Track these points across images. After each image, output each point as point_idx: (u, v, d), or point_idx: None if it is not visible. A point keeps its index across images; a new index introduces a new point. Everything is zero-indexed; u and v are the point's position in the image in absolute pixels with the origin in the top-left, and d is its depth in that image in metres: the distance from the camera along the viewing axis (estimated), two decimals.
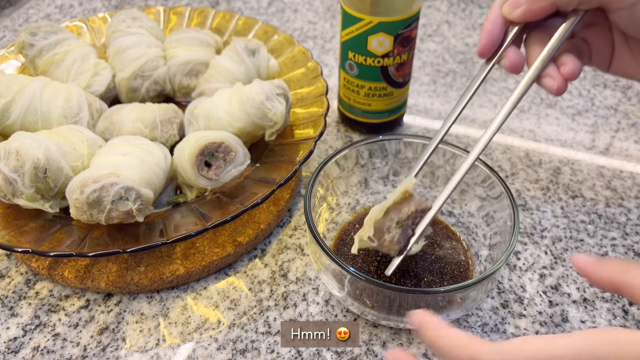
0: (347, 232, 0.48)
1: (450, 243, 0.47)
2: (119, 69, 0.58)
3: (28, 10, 0.87)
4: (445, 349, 0.29)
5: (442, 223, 0.49)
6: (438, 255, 0.45)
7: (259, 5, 0.88)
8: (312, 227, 0.40)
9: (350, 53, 0.54)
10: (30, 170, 0.41)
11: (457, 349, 0.28)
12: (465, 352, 0.28)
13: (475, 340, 0.28)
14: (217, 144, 0.47)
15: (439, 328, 0.30)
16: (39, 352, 0.41)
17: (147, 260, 0.45)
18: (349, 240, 0.47)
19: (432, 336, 0.30)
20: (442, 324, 0.30)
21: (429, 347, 0.31)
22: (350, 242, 0.46)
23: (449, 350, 0.29)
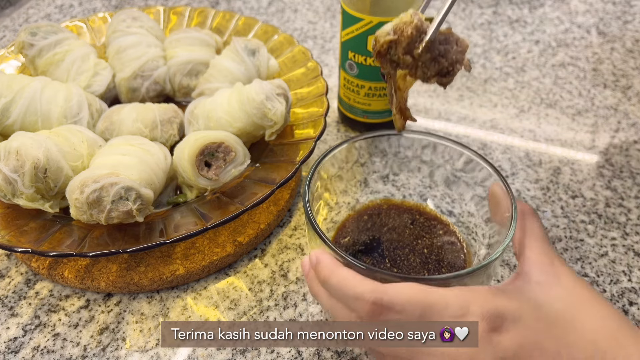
0: (346, 226, 0.48)
1: (449, 239, 0.47)
2: (119, 69, 0.58)
3: (28, 10, 0.87)
4: (336, 286, 0.31)
5: (443, 221, 0.49)
6: (436, 250, 0.45)
7: (259, 5, 0.88)
8: (311, 216, 0.39)
9: (350, 53, 0.54)
10: (30, 170, 0.41)
11: (347, 287, 0.30)
12: (354, 290, 0.30)
13: (365, 281, 0.30)
14: (217, 144, 0.47)
15: (333, 266, 0.31)
16: (39, 352, 0.41)
17: (147, 260, 0.45)
18: (349, 231, 0.47)
19: (325, 274, 0.31)
20: (336, 263, 0.32)
21: (322, 283, 0.32)
22: (349, 234, 0.46)
23: (340, 288, 0.30)
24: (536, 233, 0.34)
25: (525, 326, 0.28)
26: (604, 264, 0.47)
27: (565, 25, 0.83)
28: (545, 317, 0.29)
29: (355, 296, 0.29)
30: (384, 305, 0.29)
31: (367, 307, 0.29)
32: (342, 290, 0.30)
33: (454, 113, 0.65)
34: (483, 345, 0.28)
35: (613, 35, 0.81)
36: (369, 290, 0.29)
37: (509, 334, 0.28)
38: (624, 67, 0.74)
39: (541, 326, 0.28)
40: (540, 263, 0.32)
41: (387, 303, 0.29)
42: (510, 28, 0.83)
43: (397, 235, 0.45)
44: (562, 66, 0.74)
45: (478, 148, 0.60)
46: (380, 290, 0.29)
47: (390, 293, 0.29)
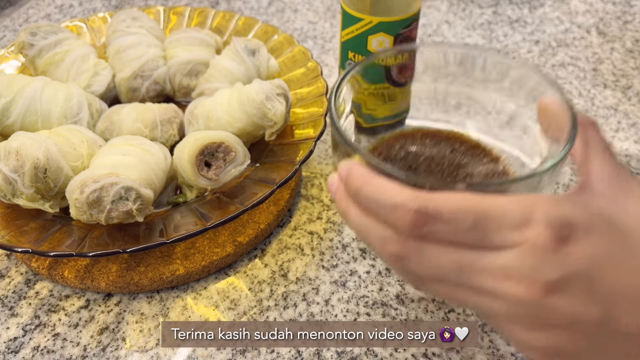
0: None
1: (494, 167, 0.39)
2: (119, 69, 0.58)
3: (28, 10, 0.87)
4: (370, 196, 0.26)
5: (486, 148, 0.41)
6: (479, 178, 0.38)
7: (259, 5, 0.88)
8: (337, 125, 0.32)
9: (350, 53, 0.54)
10: (30, 170, 0.41)
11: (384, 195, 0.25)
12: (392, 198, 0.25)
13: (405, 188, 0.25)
14: (217, 144, 0.47)
15: (367, 175, 0.27)
16: (39, 352, 0.41)
17: (147, 260, 0.45)
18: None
19: (358, 184, 0.27)
20: (370, 172, 0.27)
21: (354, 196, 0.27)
22: None
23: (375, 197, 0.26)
24: (599, 144, 0.29)
25: (598, 236, 0.24)
26: None
27: (565, 25, 0.83)
28: (619, 229, 0.25)
29: (394, 205, 0.25)
30: (429, 213, 0.24)
31: (408, 217, 0.24)
32: (378, 200, 0.26)
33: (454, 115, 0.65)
34: (548, 258, 0.23)
35: (613, 35, 0.81)
36: (411, 198, 0.24)
37: (579, 245, 0.24)
38: (624, 67, 0.74)
39: (615, 238, 0.25)
40: (606, 174, 0.28)
41: (432, 211, 0.24)
42: (510, 28, 0.83)
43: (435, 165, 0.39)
44: (562, 66, 0.74)
45: None
46: (424, 197, 0.24)
47: (436, 200, 0.24)
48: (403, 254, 0.25)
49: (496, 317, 0.26)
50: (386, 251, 0.26)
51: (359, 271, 0.47)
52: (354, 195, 0.27)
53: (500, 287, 0.24)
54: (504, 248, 0.24)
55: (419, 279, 0.27)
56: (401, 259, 0.26)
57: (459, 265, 0.25)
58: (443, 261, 0.25)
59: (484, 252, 0.24)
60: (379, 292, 0.45)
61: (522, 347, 0.26)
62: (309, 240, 0.49)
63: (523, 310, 0.24)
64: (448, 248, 0.25)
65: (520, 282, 0.23)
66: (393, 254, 0.26)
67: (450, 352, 0.41)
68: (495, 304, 0.25)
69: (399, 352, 0.41)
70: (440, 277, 0.26)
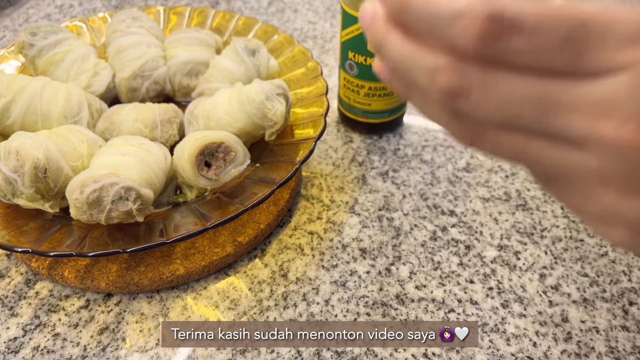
0: None
1: None
2: (119, 69, 0.58)
3: (28, 10, 0.87)
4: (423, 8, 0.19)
5: None
6: None
7: (259, 5, 0.88)
8: None
9: (350, 53, 0.54)
10: (30, 170, 0.41)
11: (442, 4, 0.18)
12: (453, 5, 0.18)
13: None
14: (217, 144, 0.47)
15: None
16: (39, 352, 0.41)
17: (147, 260, 0.45)
18: None
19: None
20: None
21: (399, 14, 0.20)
22: None
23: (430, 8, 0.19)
24: None
25: None
26: (604, 264, 0.47)
27: None
28: None
29: (455, 13, 0.18)
30: (505, 21, 0.17)
31: (475, 28, 0.17)
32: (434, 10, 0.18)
33: None
34: None
35: None
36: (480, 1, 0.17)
37: None
38: None
39: None
40: None
41: (510, 18, 0.17)
42: None
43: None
44: None
45: None
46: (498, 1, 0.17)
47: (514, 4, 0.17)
48: (461, 86, 0.18)
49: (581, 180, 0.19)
50: (437, 85, 0.19)
51: (359, 271, 0.47)
52: (399, 12, 0.20)
53: (596, 129, 0.17)
54: (608, 73, 0.17)
55: (477, 127, 0.20)
56: (458, 95, 0.19)
57: (540, 100, 0.18)
58: (517, 94, 0.18)
59: (577, 80, 0.17)
60: (379, 292, 0.45)
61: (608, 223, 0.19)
62: (309, 240, 0.49)
63: (623, 164, 0.17)
64: (525, 75, 0.18)
65: (628, 121, 0.16)
66: (446, 87, 0.19)
67: (450, 352, 0.41)
68: (583, 159, 0.18)
69: (399, 352, 0.41)
70: (508, 119, 0.19)
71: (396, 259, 0.47)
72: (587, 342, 0.41)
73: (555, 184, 0.20)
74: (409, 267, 0.47)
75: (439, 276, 0.46)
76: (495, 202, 0.53)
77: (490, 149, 0.20)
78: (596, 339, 0.42)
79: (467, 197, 0.53)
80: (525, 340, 0.42)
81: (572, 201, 0.20)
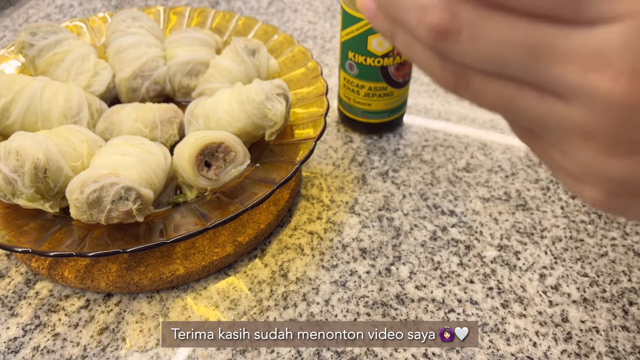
0: None
1: None
2: (119, 69, 0.58)
3: (28, 10, 0.87)
4: None
5: None
6: None
7: (259, 5, 0.88)
8: None
9: (350, 53, 0.54)
10: (30, 170, 0.41)
11: None
12: None
13: None
14: (217, 144, 0.47)
15: None
16: (39, 352, 0.41)
17: (147, 260, 0.45)
18: None
19: None
20: None
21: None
22: None
23: None
24: None
25: None
26: (604, 264, 0.47)
27: None
28: None
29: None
30: None
31: None
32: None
33: (454, 113, 0.65)
34: None
35: None
36: None
37: None
38: None
39: None
40: None
41: None
42: None
43: None
44: None
45: (478, 148, 0.59)
46: None
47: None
48: (452, 25, 0.17)
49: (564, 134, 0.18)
50: (426, 23, 0.18)
51: (359, 271, 0.47)
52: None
53: (586, 81, 0.16)
54: (605, 22, 0.15)
55: (463, 71, 0.19)
56: (447, 35, 0.17)
57: (533, 46, 0.16)
58: (510, 39, 0.17)
59: (572, 26, 0.16)
60: (379, 292, 0.45)
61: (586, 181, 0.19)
62: (309, 240, 0.49)
63: (611, 120, 0.16)
64: (520, 19, 0.16)
65: (621, 75, 0.15)
66: (435, 26, 0.17)
67: (450, 352, 0.41)
68: (570, 112, 0.17)
69: (399, 352, 0.41)
70: (498, 65, 0.17)
71: (396, 259, 0.48)
72: (587, 342, 0.41)
73: (536, 138, 0.19)
74: (409, 267, 0.47)
75: (439, 276, 0.46)
76: (495, 202, 0.53)
77: (474, 96, 0.19)
78: (596, 339, 0.42)
79: (467, 197, 0.53)
80: (525, 340, 0.42)
81: (550, 157, 0.19)
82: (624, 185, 0.18)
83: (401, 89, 0.57)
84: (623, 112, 0.16)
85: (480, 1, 0.17)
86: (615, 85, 0.15)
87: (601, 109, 0.16)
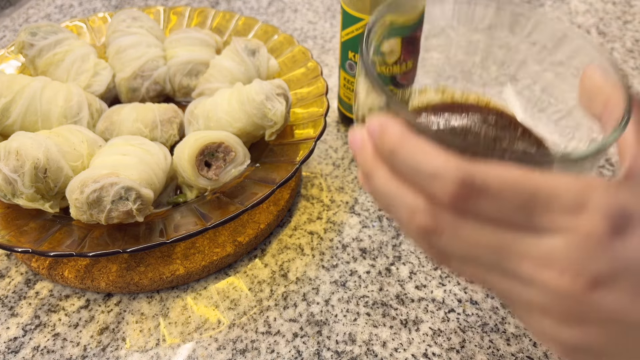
0: None
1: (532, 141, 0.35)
2: (119, 69, 0.58)
3: (28, 10, 0.87)
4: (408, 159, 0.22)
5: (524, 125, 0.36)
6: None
7: (259, 5, 0.88)
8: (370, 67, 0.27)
9: (350, 53, 0.54)
10: (30, 170, 0.41)
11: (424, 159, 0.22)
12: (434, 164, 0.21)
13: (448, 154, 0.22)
14: (217, 144, 0.47)
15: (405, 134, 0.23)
16: (39, 352, 0.41)
17: (147, 260, 0.45)
18: None
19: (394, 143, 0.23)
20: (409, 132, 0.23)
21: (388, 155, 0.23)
22: None
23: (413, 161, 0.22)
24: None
25: None
26: None
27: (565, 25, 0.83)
28: None
29: (435, 172, 0.21)
30: (475, 186, 0.21)
31: (450, 189, 0.21)
32: (417, 165, 0.22)
33: None
34: (599, 250, 0.21)
35: (613, 35, 0.81)
36: (456, 166, 0.21)
37: (635, 238, 0.21)
38: (624, 67, 0.74)
39: None
40: None
41: (479, 184, 0.21)
42: None
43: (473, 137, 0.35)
44: None
45: None
46: (470, 167, 0.21)
47: (484, 172, 0.21)
48: (435, 228, 0.22)
49: (525, 306, 0.23)
50: (415, 223, 0.23)
51: (359, 271, 0.47)
52: (387, 156, 0.23)
53: (539, 275, 0.21)
54: (551, 233, 0.21)
55: (446, 257, 0.24)
56: (431, 233, 0.23)
57: (497, 246, 0.22)
58: (480, 240, 0.22)
59: (527, 235, 0.21)
60: (379, 292, 0.45)
61: (547, 340, 0.24)
62: (309, 240, 0.49)
63: (560, 303, 0.21)
64: (488, 226, 0.22)
65: (564, 273, 0.21)
66: (423, 226, 0.23)
67: (450, 352, 0.41)
68: (529, 293, 0.22)
69: (399, 352, 0.41)
70: (472, 257, 0.23)
71: (396, 258, 0.47)
72: None
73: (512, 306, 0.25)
74: (409, 267, 0.47)
75: (439, 276, 0.46)
76: None
77: (455, 271, 0.26)
78: None
79: None
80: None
81: (521, 318, 0.25)
82: (575, 348, 0.23)
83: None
84: (570, 299, 0.21)
85: (457, 210, 0.22)
86: (562, 281, 0.21)
87: (552, 296, 0.21)
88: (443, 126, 0.34)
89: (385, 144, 0.23)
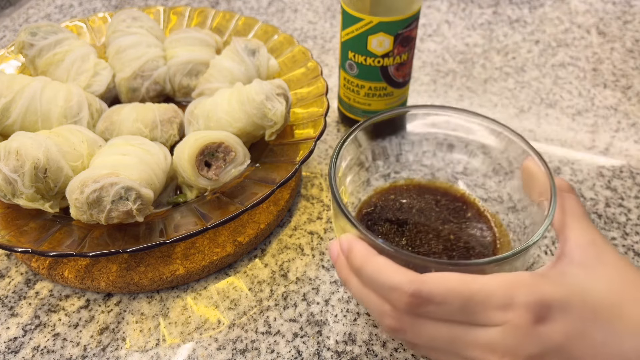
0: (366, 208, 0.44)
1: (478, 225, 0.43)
2: (119, 69, 0.58)
3: (28, 10, 0.87)
4: (371, 276, 0.29)
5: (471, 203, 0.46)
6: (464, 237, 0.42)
7: (259, 5, 0.88)
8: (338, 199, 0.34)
9: (350, 53, 0.54)
10: (30, 170, 0.41)
11: (383, 276, 0.29)
12: (391, 280, 0.28)
13: (402, 270, 0.29)
14: (217, 144, 0.47)
15: (368, 254, 0.30)
16: (39, 352, 0.41)
17: (147, 260, 0.46)
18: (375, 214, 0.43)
19: (359, 262, 0.30)
20: (371, 250, 0.30)
21: (355, 272, 0.31)
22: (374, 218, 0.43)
23: (375, 277, 0.29)
24: (576, 211, 0.32)
25: (572, 315, 0.27)
26: None
27: (565, 25, 0.83)
28: (591, 304, 0.28)
29: (392, 287, 0.28)
30: (423, 297, 0.28)
31: (404, 300, 0.28)
32: (378, 280, 0.29)
33: None
34: (528, 337, 0.27)
35: (613, 35, 0.81)
36: (407, 281, 0.28)
37: (556, 324, 0.27)
38: (624, 67, 0.74)
39: (587, 314, 0.27)
40: (581, 244, 0.30)
41: (426, 295, 0.27)
42: (510, 28, 0.83)
43: (425, 218, 0.42)
44: (562, 66, 0.74)
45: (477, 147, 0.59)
46: (418, 280, 0.28)
47: (429, 284, 0.28)
48: (400, 328, 0.29)
49: None
50: (384, 323, 0.30)
51: None
52: (356, 271, 0.31)
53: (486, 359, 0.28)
54: (490, 326, 0.27)
55: (414, 346, 0.31)
56: (398, 332, 0.30)
57: (451, 338, 0.28)
58: (436, 334, 0.29)
59: (472, 328, 0.28)
60: None
61: None
62: (309, 240, 0.49)
63: None
64: (440, 323, 0.28)
65: (504, 356, 0.27)
66: (391, 327, 0.30)
67: None
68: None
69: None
70: (434, 347, 0.30)
71: None
72: None
73: None
74: None
75: None
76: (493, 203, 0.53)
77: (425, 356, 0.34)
78: None
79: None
80: None
81: None
82: None
83: (401, 89, 0.57)
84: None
85: (414, 314, 0.28)
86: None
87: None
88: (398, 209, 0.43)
89: (353, 261, 0.30)
